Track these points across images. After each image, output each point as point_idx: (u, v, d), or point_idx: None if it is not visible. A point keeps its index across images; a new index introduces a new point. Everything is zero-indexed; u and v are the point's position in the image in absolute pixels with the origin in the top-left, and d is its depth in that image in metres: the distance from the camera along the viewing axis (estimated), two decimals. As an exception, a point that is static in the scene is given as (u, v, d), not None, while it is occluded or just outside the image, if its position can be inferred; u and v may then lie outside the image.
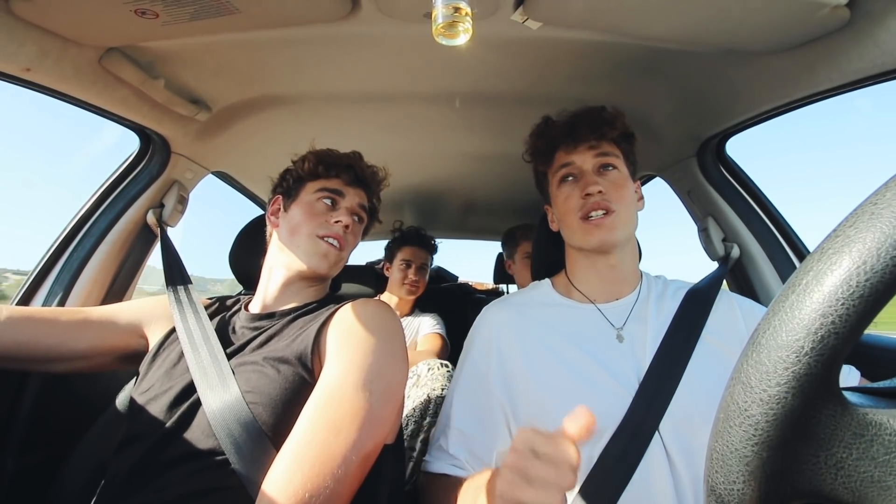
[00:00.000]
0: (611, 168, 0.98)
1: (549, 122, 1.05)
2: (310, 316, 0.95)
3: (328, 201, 1.06)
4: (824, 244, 0.29)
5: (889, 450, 0.29)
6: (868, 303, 0.26)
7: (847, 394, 0.30)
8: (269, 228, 1.13)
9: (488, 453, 0.89)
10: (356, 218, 1.09)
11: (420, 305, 2.28)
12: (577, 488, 0.79)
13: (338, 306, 0.95)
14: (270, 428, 0.78)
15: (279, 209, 1.11)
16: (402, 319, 1.56)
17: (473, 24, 0.74)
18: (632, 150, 1.04)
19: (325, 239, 1.02)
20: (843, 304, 0.27)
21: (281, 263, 1.03)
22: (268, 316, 0.99)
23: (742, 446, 0.30)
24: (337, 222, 1.03)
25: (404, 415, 1.48)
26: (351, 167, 1.10)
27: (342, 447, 0.70)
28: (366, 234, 1.18)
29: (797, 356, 0.28)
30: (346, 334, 0.87)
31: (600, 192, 0.93)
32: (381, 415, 0.77)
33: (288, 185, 1.11)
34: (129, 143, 1.39)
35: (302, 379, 0.83)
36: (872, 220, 0.27)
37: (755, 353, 0.30)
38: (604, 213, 0.93)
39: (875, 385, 0.33)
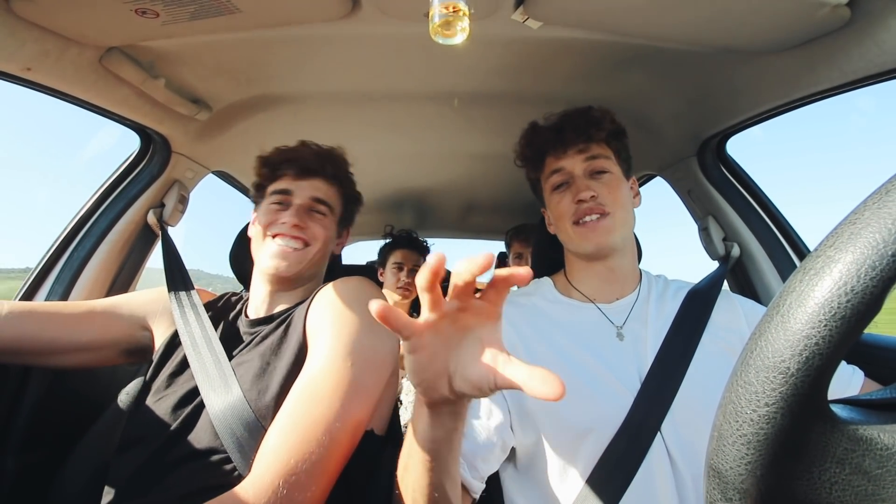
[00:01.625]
0: (603, 172, 0.97)
1: (536, 127, 1.04)
2: (300, 310, 0.96)
3: (278, 203, 1.04)
4: (806, 264, 0.29)
5: (881, 464, 0.29)
6: (850, 323, 0.27)
7: (837, 409, 0.31)
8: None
9: (490, 451, 0.88)
10: (315, 212, 1.06)
11: (419, 310, 2.27)
12: (578, 489, 0.79)
13: (318, 289, 0.96)
14: (270, 422, 0.79)
15: (255, 218, 1.10)
16: None
17: (471, 24, 0.74)
18: (624, 147, 1.02)
19: (279, 240, 1.00)
20: (825, 325, 0.27)
21: (258, 272, 1.04)
22: (265, 320, 0.99)
23: (737, 464, 0.30)
24: (284, 223, 1.01)
25: (409, 412, 1.48)
26: (294, 160, 1.07)
27: (326, 416, 0.73)
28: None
29: (784, 377, 0.28)
30: (326, 312, 0.88)
31: (593, 196, 0.92)
32: (364, 384, 0.79)
33: (256, 195, 1.12)
34: (130, 143, 1.39)
35: (298, 370, 0.84)
36: (852, 240, 0.27)
37: (744, 372, 0.30)
38: (598, 218, 0.92)
39: (864, 397, 0.34)
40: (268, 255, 1.00)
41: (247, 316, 1.04)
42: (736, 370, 0.31)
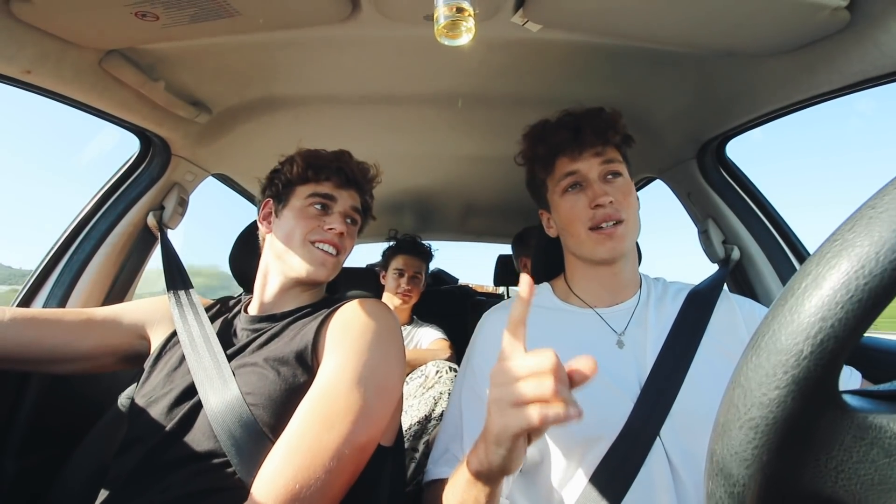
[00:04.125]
0: (618, 175, 0.95)
1: (549, 126, 1.00)
2: (309, 317, 0.96)
3: (320, 206, 1.04)
4: (823, 248, 0.29)
5: (889, 453, 0.28)
6: (867, 307, 0.26)
7: (847, 397, 0.30)
8: (261, 232, 1.11)
9: None
10: (350, 221, 1.08)
11: (419, 312, 2.27)
12: (577, 495, 0.79)
13: (336, 306, 0.95)
14: (270, 428, 0.78)
15: (270, 213, 1.09)
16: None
17: (476, 24, 0.74)
18: (628, 151, 1.02)
19: (320, 246, 1.01)
20: (842, 307, 0.27)
21: (277, 270, 1.03)
22: (268, 318, 0.99)
23: (742, 449, 0.30)
24: (330, 229, 1.01)
25: (409, 416, 1.47)
26: (341, 169, 1.07)
27: (334, 441, 0.72)
28: (361, 233, 1.18)
29: (797, 360, 0.28)
30: (343, 332, 0.87)
31: (611, 202, 0.90)
32: (374, 410, 0.78)
33: (278, 189, 1.09)
34: (130, 146, 1.39)
35: (301, 379, 0.84)
36: (871, 224, 0.27)
37: (755, 356, 0.30)
38: (615, 224, 0.91)
39: (875, 388, 0.33)
40: (306, 261, 0.99)
41: (246, 312, 1.03)
42: (747, 353, 0.30)
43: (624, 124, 0.98)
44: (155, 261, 1.44)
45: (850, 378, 0.88)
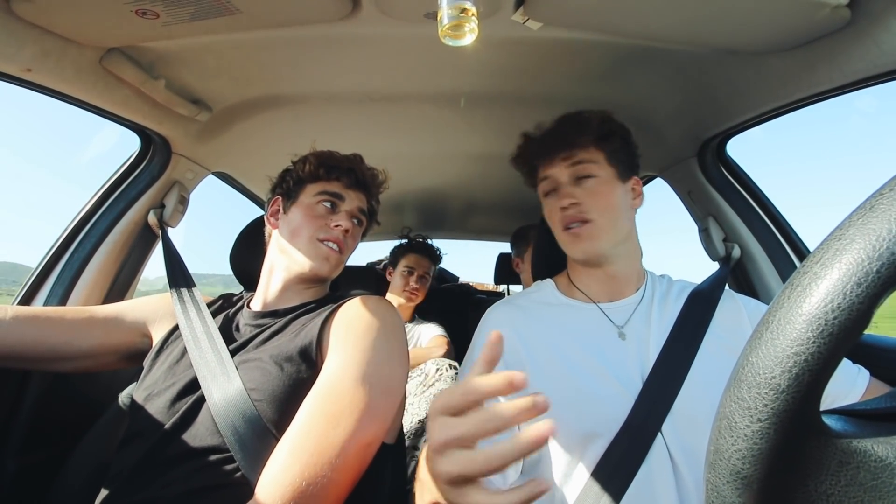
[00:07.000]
0: (588, 177, 0.96)
1: (526, 138, 1.06)
2: (313, 314, 0.96)
3: (328, 204, 1.07)
4: (793, 279, 0.29)
5: (875, 475, 0.29)
6: (838, 339, 0.27)
7: (830, 422, 0.31)
8: (268, 229, 1.13)
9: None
10: (356, 221, 1.10)
11: (421, 311, 2.28)
12: (577, 492, 0.79)
13: (340, 302, 0.96)
14: (274, 424, 0.78)
15: (279, 210, 1.11)
16: None
17: (479, 24, 0.74)
18: (621, 148, 1.00)
19: (325, 242, 1.02)
20: (813, 342, 0.27)
21: (281, 265, 1.04)
22: (271, 314, 0.99)
23: (732, 479, 0.31)
24: (337, 226, 1.03)
25: (410, 414, 1.47)
26: (352, 170, 1.10)
27: (340, 438, 0.72)
28: (364, 236, 1.19)
29: (775, 393, 0.28)
30: (347, 329, 0.87)
31: (574, 204, 0.94)
32: (379, 408, 0.79)
33: (288, 187, 1.11)
34: (130, 144, 1.39)
35: (305, 375, 0.84)
36: (837, 257, 0.28)
37: (737, 388, 0.31)
38: (581, 224, 0.94)
39: (858, 407, 0.34)
40: (310, 256, 1.01)
41: (249, 308, 1.04)
42: (729, 385, 0.31)
43: (603, 122, 0.99)
44: (156, 267, 1.45)
45: (857, 376, 0.87)
